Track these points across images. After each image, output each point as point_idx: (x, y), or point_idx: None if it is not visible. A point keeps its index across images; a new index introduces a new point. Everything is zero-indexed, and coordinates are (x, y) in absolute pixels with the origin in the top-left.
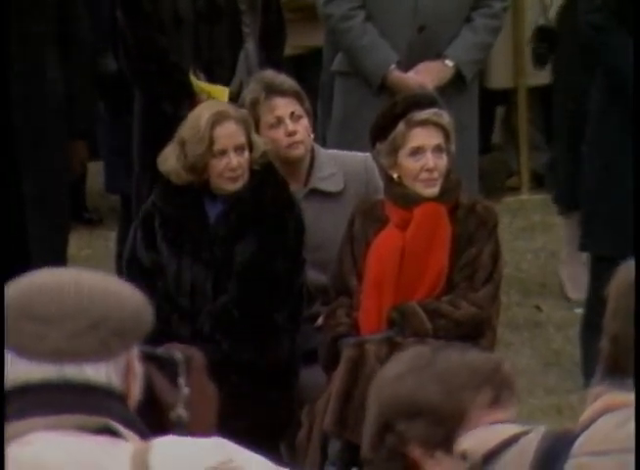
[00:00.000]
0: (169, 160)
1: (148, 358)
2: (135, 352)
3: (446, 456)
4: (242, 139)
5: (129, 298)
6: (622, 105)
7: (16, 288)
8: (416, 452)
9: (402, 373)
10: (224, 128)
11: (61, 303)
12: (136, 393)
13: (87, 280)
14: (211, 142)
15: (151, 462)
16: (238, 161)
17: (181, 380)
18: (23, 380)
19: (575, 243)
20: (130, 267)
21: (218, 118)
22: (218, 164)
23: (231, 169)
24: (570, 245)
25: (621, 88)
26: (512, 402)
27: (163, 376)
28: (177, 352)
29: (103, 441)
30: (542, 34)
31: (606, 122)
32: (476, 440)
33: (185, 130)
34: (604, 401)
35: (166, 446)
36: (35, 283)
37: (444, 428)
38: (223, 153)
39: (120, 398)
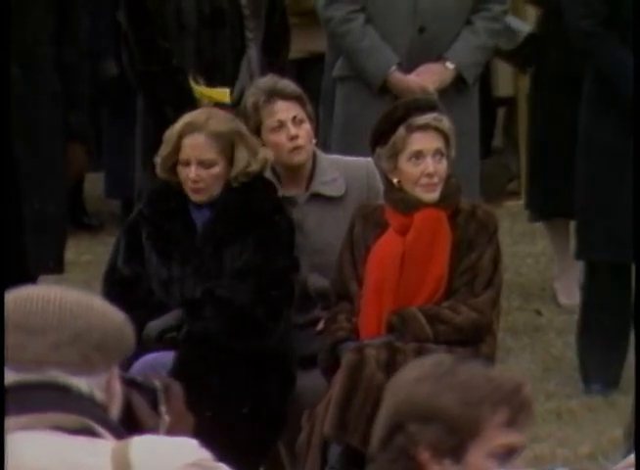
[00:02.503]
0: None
1: (128, 384)
2: (116, 372)
3: (454, 466)
4: (209, 155)
5: (112, 316)
6: (613, 113)
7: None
8: (424, 456)
9: (422, 377)
10: (191, 140)
11: (44, 314)
12: (115, 412)
13: (72, 296)
14: (178, 149)
15: (131, 458)
16: (198, 174)
17: (162, 408)
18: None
19: (561, 248)
20: (107, 279)
21: (187, 130)
22: (182, 173)
23: (191, 181)
24: (557, 252)
25: (613, 95)
26: (527, 426)
27: (144, 401)
28: (156, 380)
29: (82, 440)
30: (528, 39)
31: (596, 132)
32: None
33: (169, 129)
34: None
35: (145, 443)
36: (21, 295)
37: (457, 437)
38: (186, 163)
39: (102, 406)
